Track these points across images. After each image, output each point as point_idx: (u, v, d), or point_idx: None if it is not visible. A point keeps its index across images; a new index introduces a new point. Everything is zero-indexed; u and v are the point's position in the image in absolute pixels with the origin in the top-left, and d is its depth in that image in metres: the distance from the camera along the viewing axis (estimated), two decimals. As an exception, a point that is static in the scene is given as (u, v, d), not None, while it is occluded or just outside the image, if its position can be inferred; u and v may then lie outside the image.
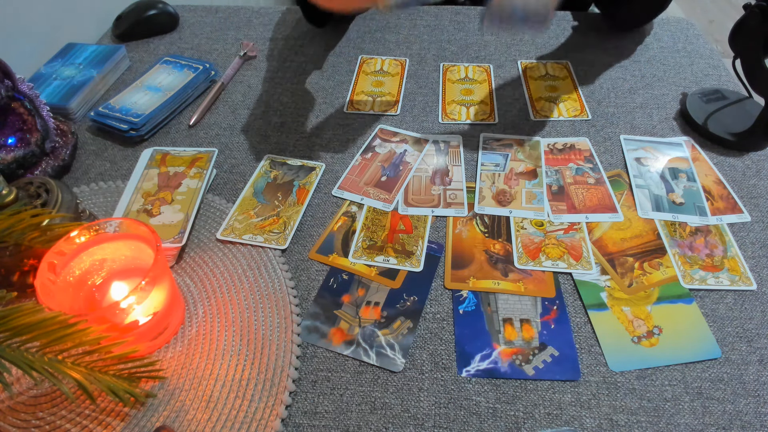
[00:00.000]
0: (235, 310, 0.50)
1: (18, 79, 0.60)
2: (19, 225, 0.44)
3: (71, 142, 0.66)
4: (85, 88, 0.73)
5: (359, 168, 0.64)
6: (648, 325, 0.48)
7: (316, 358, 0.47)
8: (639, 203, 0.59)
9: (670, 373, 0.46)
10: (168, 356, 0.47)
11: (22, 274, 0.49)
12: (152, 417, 0.43)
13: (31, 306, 0.37)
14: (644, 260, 0.53)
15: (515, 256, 0.54)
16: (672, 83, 0.76)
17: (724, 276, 0.52)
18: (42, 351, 0.37)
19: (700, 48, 0.82)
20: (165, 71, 0.76)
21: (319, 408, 0.44)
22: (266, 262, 0.53)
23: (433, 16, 0.91)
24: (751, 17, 0.62)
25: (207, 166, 0.63)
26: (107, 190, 0.62)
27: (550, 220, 0.57)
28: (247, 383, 0.44)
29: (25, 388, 0.44)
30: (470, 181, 0.62)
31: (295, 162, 0.65)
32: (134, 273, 0.48)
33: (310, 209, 0.60)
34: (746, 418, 0.43)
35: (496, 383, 0.45)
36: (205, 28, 0.90)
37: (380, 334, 0.48)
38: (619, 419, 0.43)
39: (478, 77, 0.78)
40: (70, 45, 0.80)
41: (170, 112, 0.71)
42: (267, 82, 0.78)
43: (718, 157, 0.65)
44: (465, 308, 0.50)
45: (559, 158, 0.65)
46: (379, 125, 0.70)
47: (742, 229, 0.57)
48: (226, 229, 0.56)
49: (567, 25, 0.88)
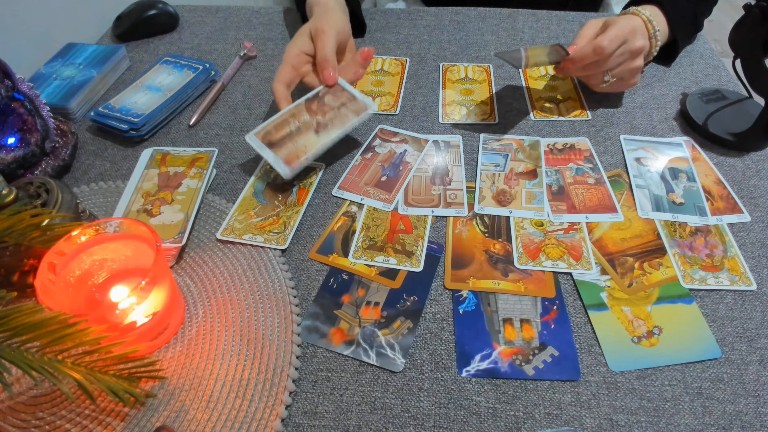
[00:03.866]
0: (235, 310, 0.50)
1: (18, 79, 0.60)
2: (19, 225, 0.44)
3: (71, 142, 0.66)
4: (85, 88, 0.73)
5: (359, 168, 0.64)
6: (648, 325, 0.48)
7: (316, 358, 0.47)
8: (639, 203, 0.59)
9: (670, 373, 0.46)
10: (168, 356, 0.47)
11: (22, 274, 0.49)
12: (152, 417, 0.43)
13: (31, 306, 0.37)
14: (644, 260, 0.53)
15: (515, 256, 0.54)
16: (672, 83, 0.76)
17: (724, 276, 0.52)
18: (42, 351, 0.37)
19: (700, 48, 0.82)
20: (165, 71, 0.76)
21: (319, 408, 0.44)
22: (266, 262, 0.53)
23: (433, 16, 0.91)
24: (751, 17, 0.62)
25: (207, 166, 0.63)
26: (107, 190, 0.62)
27: (550, 220, 0.57)
28: (247, 383, 0.44)
29: (25, 388, 0.44)
30: (470, 181, 0.62)
31: (295, 162, 0.65)
32: (134, 273, 0.48)
33: (310, 209, 0.60)
34: (746, 418, 0.43)
35: (496, 383, 0.45)
36: (205, 28, 0.90)
37: (380, 334, 0.48)
38: (619, 419, 0.43)
39: (478, 77, 0.78)
40: (70, 45, 0.80)
41: (170, 112, 0.71)
42: (267, 82, 0.78)
43: (718, 157, 0.65)
44: (465, 308, 0.50)
45: (559, 158, 0.65)
46: (379, 125, 0.70)
47: (742, 229, 0.57)
48: (226, 229, 0.56)
49: (567, 26, 0.88)
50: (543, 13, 0.90)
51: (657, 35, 0.68)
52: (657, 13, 0.70)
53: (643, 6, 0.70)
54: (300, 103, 0.63)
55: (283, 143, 0.60)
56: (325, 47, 0.65)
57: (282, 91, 0.64)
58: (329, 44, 0.65)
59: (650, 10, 0.69)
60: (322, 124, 0.61)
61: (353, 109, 0.63)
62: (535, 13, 0.90)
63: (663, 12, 0.71)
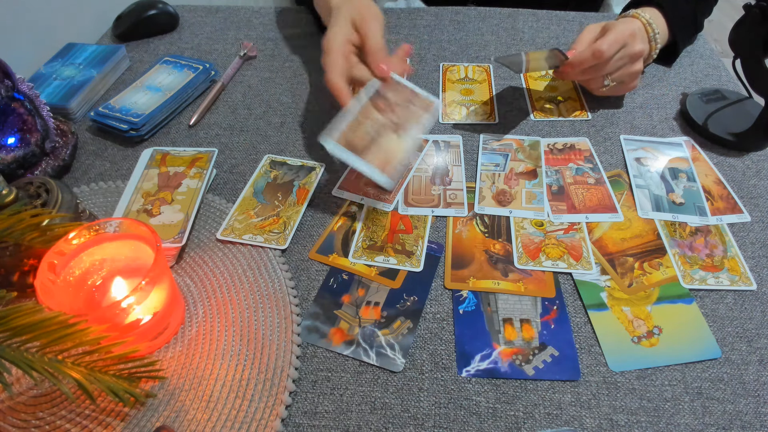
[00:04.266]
0: (235, 310, 0.50)
1: (18, 79, 0.60)
2: (19, 225, 0.44)
3: (71, 142, 0.66)
4: (85, 88, 0.73)
5: (359, 168, 0.64)
6: (648, 325, 0.48)
7: (316, 358, 0.47)
8: (639, 203, 0.59)
9: (670, 373, 0.46)
10: (168, 356, 0.47)
11: (22, 274, 0.49)
12: (152, 417, 0.43)
13: (31, 306, 0.37)
14: (644, 260, 0.53)
15: (515, 256, 0.54)
16: (672, 83, 0.76)
17: (724, 276, 0.52)
18: (42, 351, 0.37)
19: (700, 48, 0.82)
20: (165, 71, 0.76)
21: (319, 408, 0.44)
22: (266, 262, 0.53)
23: (433, 15, 0.91)
24: (751, 17, 0.62)
25: (207, 166, 0.63)
26: (107, 190, 0.62)
27: (550, 220, 0.57)
28: (247, 383, 0.44)
29: (25, 388, 0.44)
30: (470, 181, 0.62)
31: (295, 162, 0.65)
32: (134, 273, 0.48)
33: (310, 209, 0.60)
34: (746, 418, 0.43)
35: (496, 383, 0.45)
36: (205, 28, 0.90)
37: (380, 334, 0.48)
38: (619, 419, 0.43)
39: (478, 77, 0.78)
40: (70, 45, 0.80)
41: (170, 112, 0.71)
42: (267, 82, 0.78)
43: (718, 157, 0.65)
44: (465, 308, 0.50)
45: (559, 158, 0.65)
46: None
47: (742, 229, 0.57)
48: (226, 229, 0.56)
49: (567, 26, 0.88)
50: (543, 13, 0.90)
51: (657, 38, 0.68)
52: (657, 15, 0.70)
53: (642, 8, 0.69)
54: (365, 100, 0.56)
55: (368, 149, 0.53)
56: (376, 35, 0.59)
57: (342, 84, 0.57)
58: (379, 32, 0.59)
59: (650, 13, 0.68)
60: (398, 125, 0.55)
61: (421, 106, 0.56)
62: (535, 13, 0.90)
63: (663, 14, 0.70)
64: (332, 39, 0.59)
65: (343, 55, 0.58)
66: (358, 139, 0.53)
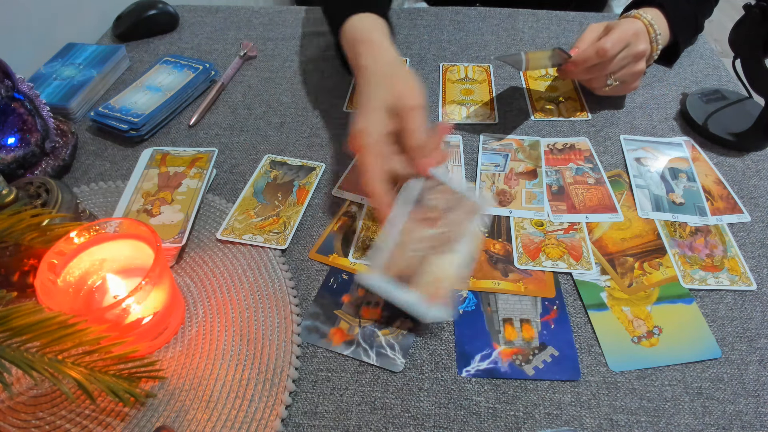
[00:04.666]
0: (235, 310, 0.50)
1: (18, 79, 0.60)
2: (19, 225, 0.44)
3: (71, 142, 0.66)
4: (85, 88, 0.73)
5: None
6: (648, 325, 0.48)
7: (316, 358, 0.47)
8: (639, 203, 0.59)
9: (670, 373, 0.46)
10: (168, 356, 0.47)
11: (22, 274, 0.49)
12: (152, 417, 0.43)
13: (31, 306, 0.37)
14: (644, 260, 0.53)
15: (515, 256, 0.54)
16: (672, 83, 0.76)
17: (724, 276, 0.52)
18: (42, 351, 0.37)
19: (700, 48, 0.82)
20: (165, 71, 0.76)
21: (319, 408, 0.44)
22: (266, 262, 0.53)
23: (433, 15, 0.91)
24: (751, 17, 0.62)
25: (207, 166, 0.63)
26: (107, 190, 0.62)
27: (550, 220, 0.57)
28: (247, 383, 0.44)
29: (25, 388, 0.44)
30: (470, 181, 0.62)
31: (295, 162, 0.65)
32: (134, 273, 0.48)
33: (310, 209, 0.60)
34: (746, 418, 0.43)
35: (496, 383, 0.45)
36: (205, 28, 0.90)
37: (380, 334, 0.48)
38: (619, 419, 0.43)
39: (478, 77, 0.78)
40: (70, 45, 0.80)
41: (170, 112, 0.71)
42: (267, 82, 0.78)
43: (718, 157, 0.65)
44: (465, 308, 0.50)
45: (559, 158, 0.65)
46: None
47: (742, 229, 0.57)
48: (226, 229, 0.56)
49: (567, 26, 0.88)
50: (543, 13, 0.90)
51: (658, 39, 0.68)
52: (658, 15, 0.70)
53: (644, 9, 0.69)
54: (405, 214, 0.48)
55: (413, 276, 0.45)
56: (419, 128, 0.50)
57: (382, 192, 0.48)
58: (422, 124, 0.50)
59: (651, 14, 0.68)
60: (442, 240, 0.47)
61: (465, 211, 0.47)
62: (535, 13, 0.90)
63: (664, 14, 0.70)
64: (365, 133, 0.50)
65: (380, 155, 0.50)
66: (403, 266, 0.45)
